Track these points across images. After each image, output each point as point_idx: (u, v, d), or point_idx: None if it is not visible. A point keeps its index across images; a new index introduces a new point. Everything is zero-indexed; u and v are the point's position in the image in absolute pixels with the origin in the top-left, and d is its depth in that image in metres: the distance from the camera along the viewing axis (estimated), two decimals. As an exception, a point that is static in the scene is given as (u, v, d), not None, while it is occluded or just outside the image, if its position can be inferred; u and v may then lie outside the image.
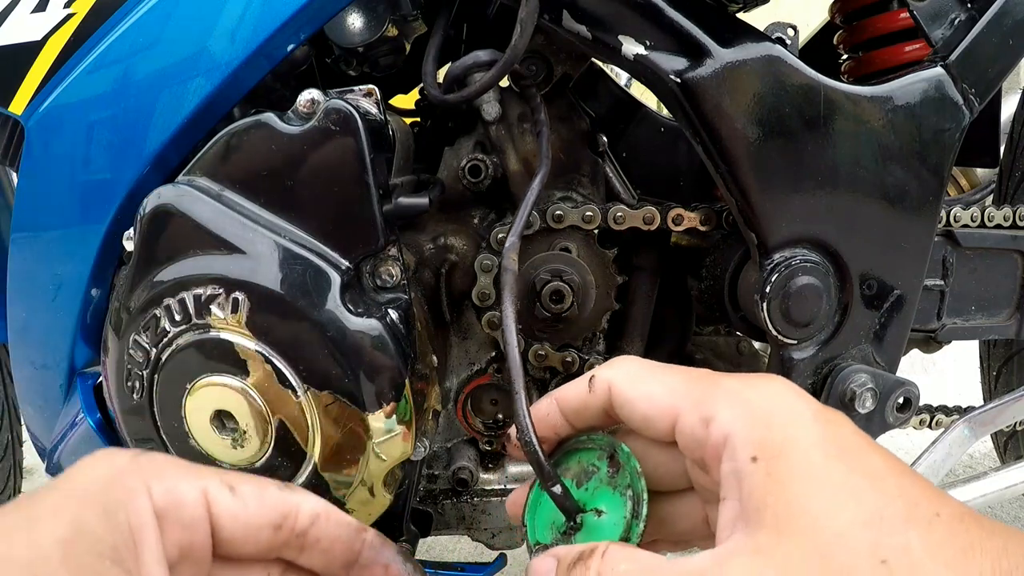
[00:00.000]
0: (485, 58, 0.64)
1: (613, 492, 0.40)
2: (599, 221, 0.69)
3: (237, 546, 0.35)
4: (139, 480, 0.32)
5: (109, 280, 0.64)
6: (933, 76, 0.62)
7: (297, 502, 0.37)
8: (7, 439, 1.30)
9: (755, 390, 0.35)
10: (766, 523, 0.31)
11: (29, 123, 0.60)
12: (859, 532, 0.30)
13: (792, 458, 0.32)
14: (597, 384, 0.40)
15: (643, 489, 0.39)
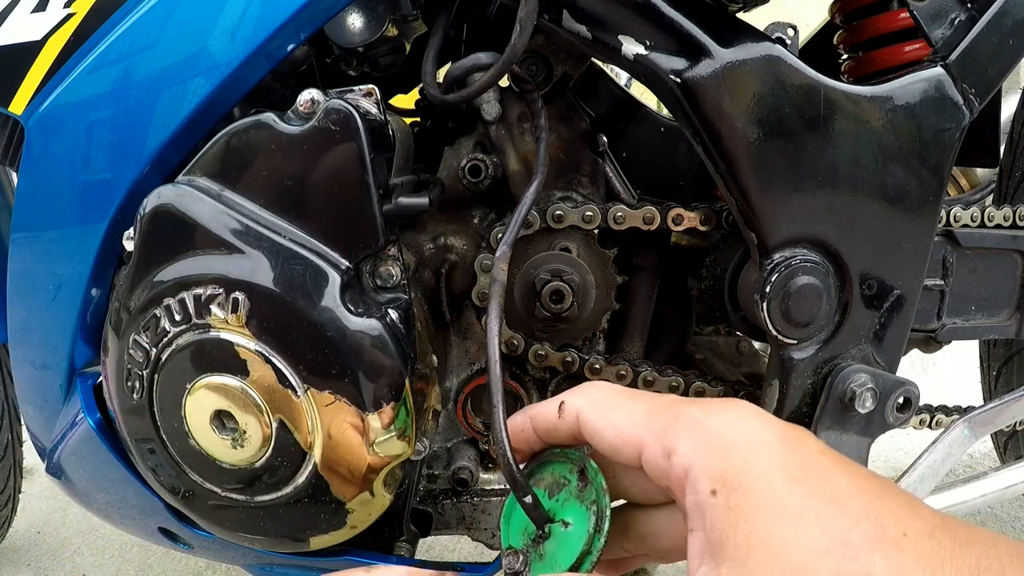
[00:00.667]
0: (486, 60, 0.64)
1: (580, 505, 0.42)
2: (599, 221, 0.69)
3: None
4: None
5: (109, 280, 0.64)
6: (933, 76, 0.62)
7: None
8: (7, 439, 1.30)
9: (716, 418, 0.35)
10: (728, 555, 0.31)
11: (29, 123, 0.60)
12: (820, 560, 0.30)
13: (752, 487, 0.32)
14: (566, 411, 0.41)
15: (607, 506, 0.40)
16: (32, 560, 1.46)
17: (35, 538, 1.53)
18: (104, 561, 1.44)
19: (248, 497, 0.60)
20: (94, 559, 1.45)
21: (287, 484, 0.59)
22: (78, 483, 0.73)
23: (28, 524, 1.56)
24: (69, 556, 1.46)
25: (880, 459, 1.61)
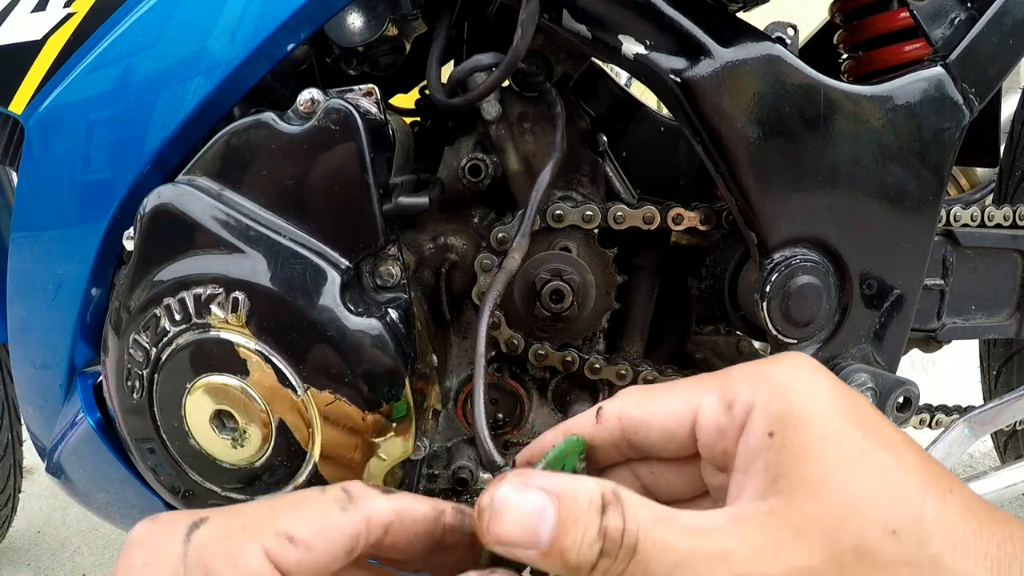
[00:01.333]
0: (486, 61, 0.64)
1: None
2: (599, 220, 0.69)
3: None
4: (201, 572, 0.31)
5: (109, 280, 0.64)
6: (933, 76, 0.62)
7: (364, 519, 0.35)
8: (7, 439, 1.31)
9: (774, 366, 0.35)
10: (780, 490, 0.31)
11: (29, 123, 0.60)
12: (874, 500, 0.30)
13: (810, 428, 0.32)
14: (605, 415, 0.38)
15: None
16: (32, 560, 1.46)
17: (35, 538, 1.53)
18: (104, 561, 1.44)
19: (248, 497, 0.60)
20: (94, 559, 1.45)
21: (287, 484, 0.59)
22: (78, 483, 0.73)
23: (28, 524, 1.56)
24: (69, 556, 1.47)
25: (880, 459, 1.60)
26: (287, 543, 0.33)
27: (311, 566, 0.33)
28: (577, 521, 0.31)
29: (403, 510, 0.36)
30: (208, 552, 0.32)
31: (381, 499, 0.36)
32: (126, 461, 0.67)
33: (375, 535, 0.35)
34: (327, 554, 0.34)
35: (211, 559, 0.31)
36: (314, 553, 0.33)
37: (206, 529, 0.33)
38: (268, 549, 0.32)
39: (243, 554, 0.32)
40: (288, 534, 0.33)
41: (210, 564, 0.31)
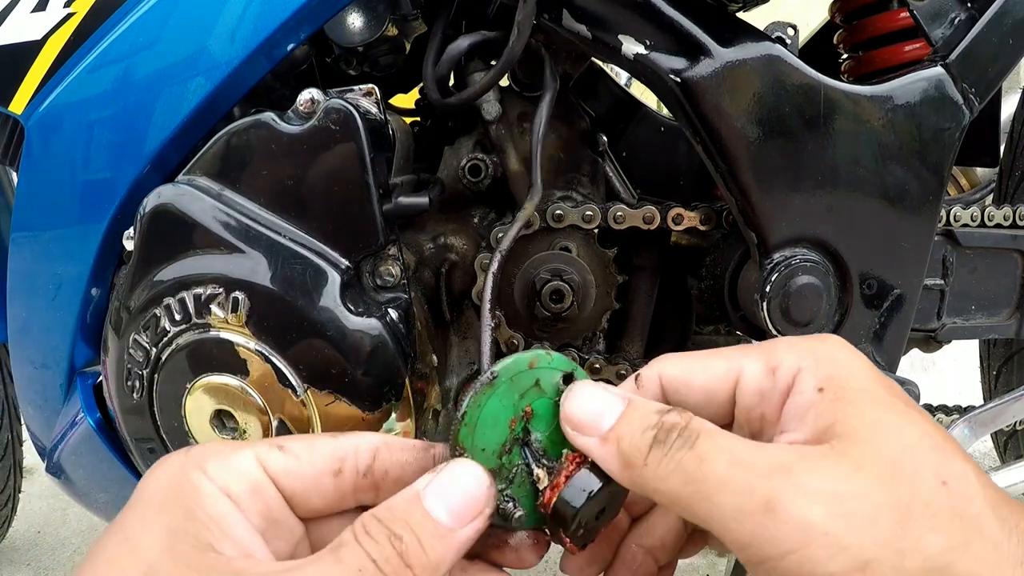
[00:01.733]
0: (465, 44, 0.64)
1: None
2: (599, 220, 0.69)
3: (303, 500, 0.36)
4: (196, 470, 0.34)
5: (109, 279, 0.64)
6: (933, 75, 0.62)
7: (352, 443, 0.37)
8: (7, 438, 1.30)
9: (816, 340, 0.37)
10: (836, 434, 0.32)
11: (29, 122, 0.60)
12: (925, 451, 0.31)
13: (859, 388, 0.34)
14: (645, 379, 0.39)
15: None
16: (32, 560, 1.46)
17: (35, 538, 1.53)
18: (104, 561, 1.44)
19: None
20: (94, 559, 1.45)
21: (287, 484, 0.59)
22: (78, 483, 0.73)
23: (28, 524, 1.56)
24: (69, 556, 1.47)
25: (880, 459, 1.60)
26: (276, 449, 0.36)
27: (297, 474, 0.36)
28: (638, 416, 0.34)
29: (392, 440, 0.39)
30: (203, 453, 0.35)
31: (371, 433, 0.39)
32: (126, 461, 0.67)
33: (364, 460, 0.37)
34: (313, 465, 0.36)
35: (205, 457, 0.35)
36: (300, 462, 0.36)
37: (206, 444, 0.37)
38: (258, 453, 0.36)
39: (236, 455, 0.35)
40: (278, 443, 0.37)
41: (203, 460, 0.35)
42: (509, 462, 0.38)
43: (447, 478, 0.35)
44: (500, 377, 0.38)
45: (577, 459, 0.37)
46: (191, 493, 0.34)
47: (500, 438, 0.38)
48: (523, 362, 0.38)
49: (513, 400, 0.38)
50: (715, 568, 1.34)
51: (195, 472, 0.34)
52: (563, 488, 0.37)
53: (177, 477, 0.34)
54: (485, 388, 0.38)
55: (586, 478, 0.37)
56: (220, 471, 0.34)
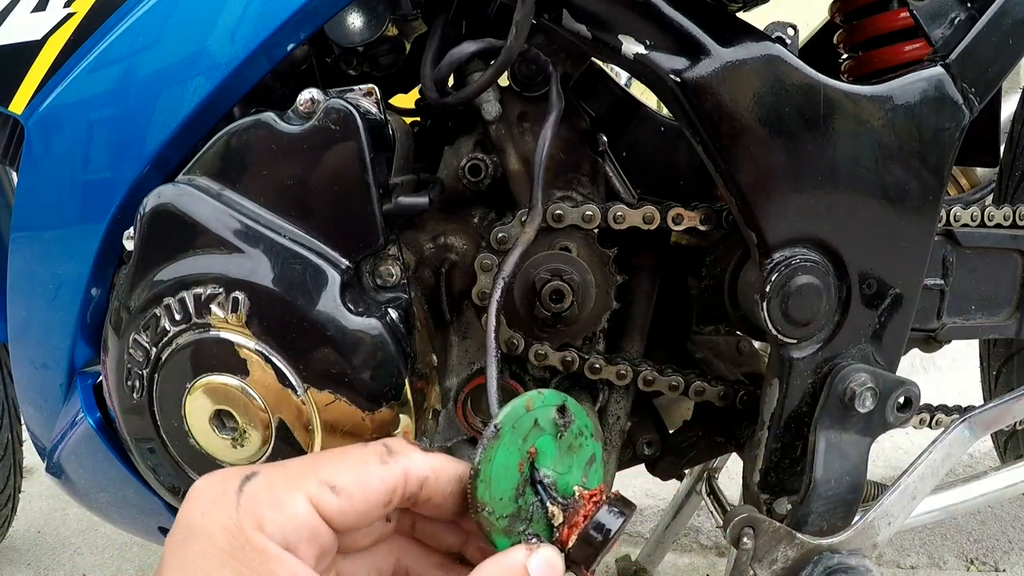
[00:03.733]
0: (471, 49, 0.64)
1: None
2: (599, 220, 0.69)
3: (353, 527, 0.37)
4: (256, 530, 0.34)
5: (109, 279, 0.64)
6: (933, 75, 0.62)
7: (402, 474, 0.37)
8: (7, 439, 1.30)
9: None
10: None
11: (29, 122, 0.60)
12: None
13: None
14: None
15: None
16: (32, 560, 1.46)
17: (35, 538, 1.53)
18: (104, 560, 1.44)
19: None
20: (94, 558, 1.45)
21: (287, 483, 0.59)
22: (78, 483, 0.73)
23: (28, 524, 1.56)
24: (69, 556, 1.47)
25: (880, 459, 1.61)
26: (329, 491, 0.35)
27: (352, 513, 0.36)
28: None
29: (439, 468, 0.39)
30: (258, 501, 0.34)
31: (419, 455, 0.39)
32: (126, 461, 0.67)
33: (412, 489, 0.38)
34: (366, 503, 0.36)
35: (260, 507, 0.34)
36: (354, 501, 0.36)
37: (256, 481, 0.36)
38: (312, 496, 0.35)
39: (290, 501, 0.35)
40: (331, 483, 0.36)
41: (259, 512, 0.34)
42: (525, 503, 0.40)
43: (544, 559, 0.38)
44: (503, 428, 0.40)
45: (594, 498, 0.41)
46: (260, 560, 0.33)
47: (513, 483, 0.40)
48: (520, 408, 0.40)
49: (518, 445, 0.40)
50: (715, 568, 1.34)
51: (256, 534, 0.34)
52: (582, 528, 0.40)
53: (238, 539, 0.34)
54: (492, 442, 0.39)
55: (606, 518, 0.40)
56: (278, 526, 0.34)
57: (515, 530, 0.40)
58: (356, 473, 0.37)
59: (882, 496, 0.69)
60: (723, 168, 0.60)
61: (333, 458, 0.37)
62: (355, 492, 0.36)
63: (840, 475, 0.66)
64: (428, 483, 0.38)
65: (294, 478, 0.36)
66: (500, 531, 0.39)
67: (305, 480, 0.36)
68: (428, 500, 0.39)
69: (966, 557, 1.37)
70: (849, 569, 0.65)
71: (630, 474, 0.98)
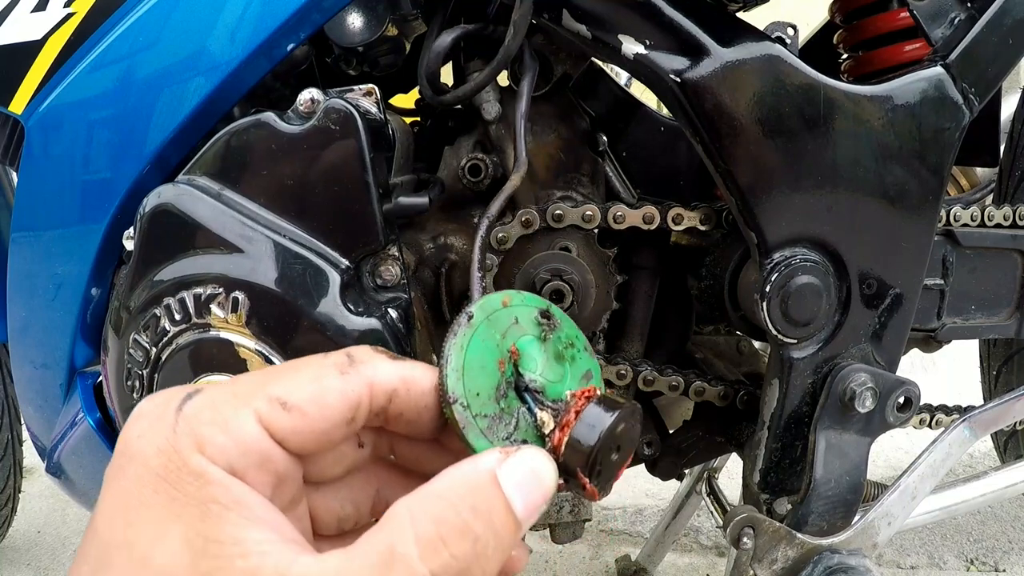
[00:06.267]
0: (448, 40, 0.64)
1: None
2: (599, 220, 0.69)
3: (311, 450, 0.32)
4: (195, 452, 0.29)
5: (109, 279, 0.64)
6: (933, 75, 0.62)
7: (366, 386, 0.32)
8: (7, 438, 1.31)
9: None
10: None
11: (29, 122, 0.60)
12: None
13: None
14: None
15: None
16: (32, 560, 1.46)
17: (35, 538, 1.53)
18: (104, 561, 1.44)
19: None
20: (94, 559, 1.45)
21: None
22: (78, 482, 0.73)
23: (28, 524, 1.56)
24: (69, 556, 1.47)
25: (880, 459, 1.61)
26: (280, 408, 0.31)
27: (308, 434, 0.31)
28: None
29: (410, 378, 0.34)
30: (199, 420, 0.30)
31: (386, 364, 0.33)
32: (126, 461, 0.67)
33: (379, 404, 0.33)
34: (325, 421, 0.31)
35: (201, 427, 0.29)
36: (310, 419, 0.31)
37: (198, 399, 0.31)
38: (261, 415, 0.30)
39: (235, 420, 0.30)
40: (282, 400, 0.31)
41: (200, 432, 0.29)
42: (509, 407, 0.35)
43: (524, 465, 0.30)
44: (476, 316, 0.35)
45: (586, 394, 0.35)
46: (197, 485, 0.28)
47: (492, 381, 0.35)
48: (496, 301, 0.36)
49: (496, 341, 0.36)
50: (715, 568, 1.34)
51: (194, 456, 0.29)
52: (573, 427, 0.34)
53: (174, 461, 0.29)
54: (464, 330, 0.35)
55: (596, 413, 0.34)
56: (221, 448, 0.29)
57: (498, 435, 0.34)
58: (312, 387, 0.31)
59: (882, 496, 0.70)
60: (723, 168, 0.60)
61: (286, 371, 0.32)
62: (310, 409, 0.31)
63: (840, 475, 0.66)
64: (398, 396, 0.33)
65: (241, 395, 0.31)
66: (478, 432, 0.33)
67: (253, 397, 0.31)
68: (400, 416, 0.34)
69: (966, 557, 1.37)
70: (849, 569, 0.65)
71: (630, 474, 0.98)
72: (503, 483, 0.29)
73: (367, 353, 0.33)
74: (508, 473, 0.29)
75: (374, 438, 0.36)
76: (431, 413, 0.34)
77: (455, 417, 0.33)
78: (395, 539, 0.27)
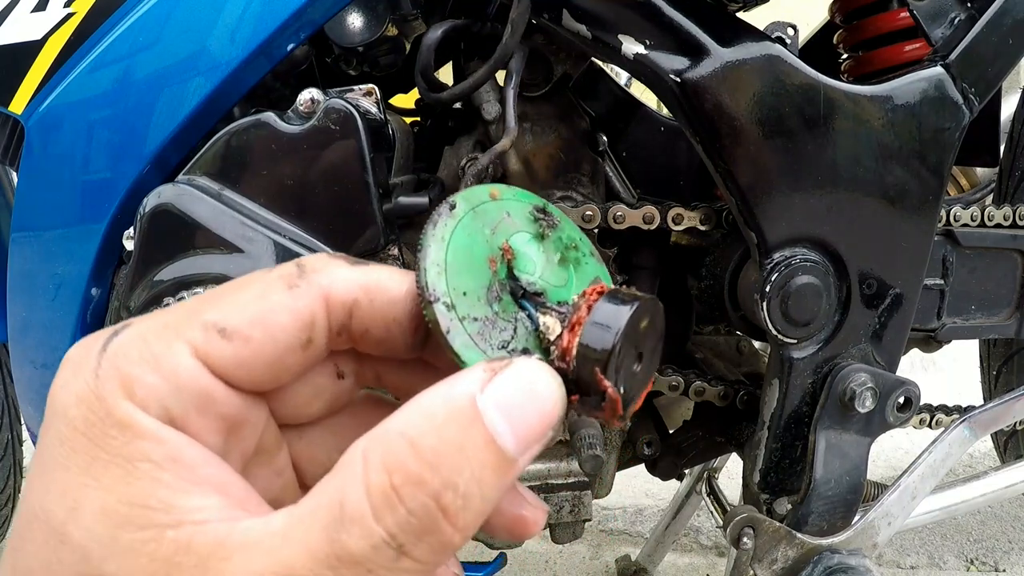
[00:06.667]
0: (436, 35, 0.64)
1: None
2: (599, 220, 0.69)
3: (265, 383, 0.27)
4: (121, 397, 0.24)
5: (109, 279, 0.64)
6: (933, 75, 0.62)
7: (319, 299, 0.26)
8: (7, 438, 1.31)
9: None
10: None
11: (29, 122, 0.60)
12: None
13: None
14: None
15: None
16: (32, 560, 1.46)
17: (35, 538, 1.53)
18: (104, 561, 1.44)
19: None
20: (94, 559, 1.45)
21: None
22: (78, 483, 0.73)
23: (28, 524, 1.56)
24: (69, 556, 1.46)
25: (880, 459, 1.61)
26: (217, 336, 0.25)
27: (255, 363, 0.26)
28: None
29: (372, 285, 0.27)
30: (126, 359, 0.24)
31: (343, 271, 0.27)
32: (126, 461, 0.67)
33: (338, 319, 0.27)
34: (274, 344, 0.26)
35: (128, 366, 0.24)
36: (255, 345, 0.25)
37: (125, 335, 0.25)
38: (196, 345, 0.25)
39: (167, 355, 0.24)
40: (219, 325, 0.25)
41: (127, 370, 0.24)
42: (504, 312, 0.29)
43: (515, 383, 0.23)
44: (459, 205, 0.29)
45: (597, 289, 0.29)
46: (123, 439, 0.23)
47: (482, 280, 0.29)
48: (483, 192, 0.30)
49: (485, 236, 0.29)
50: (715, 568, 1.34)
51: (121, 403, 0.23)
52: (585, 325, 0.27)
53: (96, 412, 0.23)
54: (446, 219, 0.28)
55: (610, 308, 0.27)
56: (152, 389, 0.24)
57: (491, 342, 0.28)
58: (255, 307, 0.25)
59: (882, 496, 0.70)
60: (723, 168, 0.60)
61: (225, 293, 0.26)
62: (254, 333, 0.25)
63: (840, 475, 0.66)
64: (359, 308, 0.27)
65: (172, 325, 0.25)
66: (467, 338, 0.27)
67: (187, 326, 0.25)
68: (366, 333, 0.27)
69: (966, 557, 1.37)
70: (849, 569, 0.65)
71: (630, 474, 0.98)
72: (486, 411, 0.22)
73: (321, 260, 0.28)
74: (494, 396, 0.23)
75: (355, 366, 0.30)
76: (402, 327, 0.28)
77: (436, 319, 0.26)
78: (346, 491, 0.22)
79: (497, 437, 0.22)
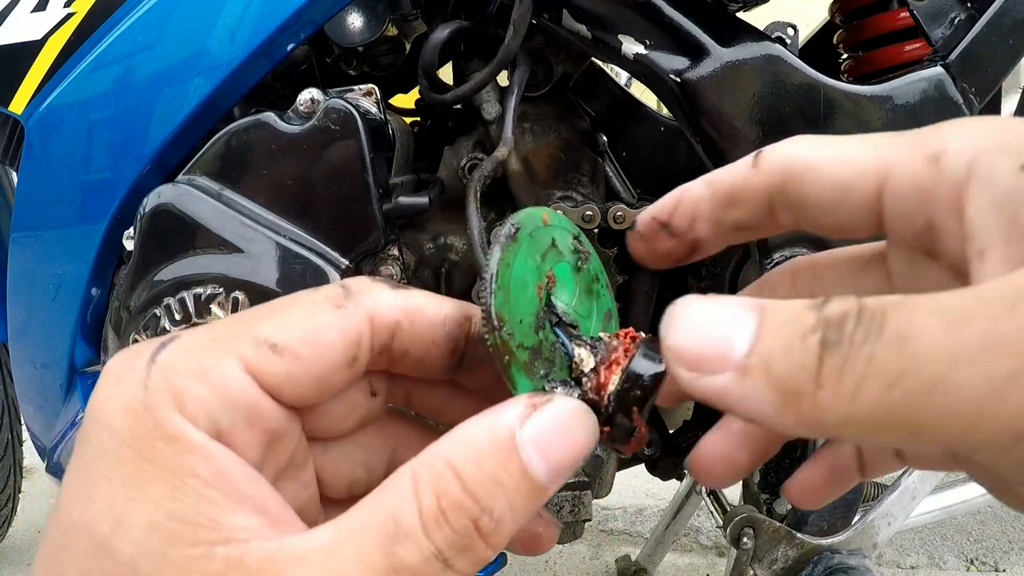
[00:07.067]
0: (442, 35, 0.63)
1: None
2: (599, 220, 0.69)
3: (309, 400, 0.27)
4: (170, 409, 0.24)
5: (109, 279, 0.64)
6: (933, 75, 0.62)
7: (365, 320, 0.28)
8: (7, 438, 1.31)
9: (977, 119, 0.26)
10: None
11: (29, 122, 0.60)
12: None
13: None
14: (765, 158, 0.29)
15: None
16: (32, 560, 1.46)
17: (35, 538, 1.53)
18: (104, 561, 1.44)
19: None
20: (94, 559, 1.45)
21: (287, 483, 0.59)
22: (78, 483, 0.73)
23: (28, 524, 1.56)
24: (69, 556, 1.46)
25: (880, 459, 1.60)
26: (268, 352, 0.26)
27: (304, 380, 0.26)
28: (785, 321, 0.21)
29: (414, 308, 0.29)
30: (175, 371, 0.25)
31: (386, 294, 0.29)
32: (126, 461, 0.67)
33: (381, 340, 0.28)
34: (322, 363, 0.27)
35: (178, 378, 0.24)
36: (304, 362, 0.26)
37: (173, 348, 0.26)
38: (247, 360, 0.25)
39: (216, 368, 0.25)
40: (271, 341, 0.26)
41: (176, 384, 0.24)
42: (547, 341, 0.29)
43: (553, 422, 0.25)
44: (522, 230, 0.29)
45: (630, 334, 0.29)
46: (172, 452, 0.23)
47: (532, 308, 0.29)
48: (537, 216, 0.30)
49: (536, 262, 0.30)
50: (715, 568, 1.34)
51: (170, 416, 0.24)
52: (630, 362, 0.28)
53: (144, 424, 0.23)
54: (510, 243, 0.28)
55: (648, 359, 0.28)
56: (202, 403, 0.24)
57: (536, 372, 0.28)
58: (305, 325, 0.26)
59: (882, 496, 0.70)
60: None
61: (274, 310, 0.27)
62: (304, 350, 0.26)
63: (840, 475, 0.66)
64: (401, 330, 0.28)
65: (222, 340, 0.26)
66: (520, 366, 0.27)
67: (237, 340, 0.26)
68: (405, 354, 0.29)
69: (966, 557, 1.37)
70: (849, 569, 0.65)
71: (630, 474, 0.98)
72: (523, 445, 0.24)
73: (364, 283, 0.29)
74: (531, 431, 0.24)
75: (387, 385, 0.31)
76: (440, 350, 0.29)
77: (499, 346, 0.27)
78: (400, 509, 0.23)
79: (531, 468, 0.24)
